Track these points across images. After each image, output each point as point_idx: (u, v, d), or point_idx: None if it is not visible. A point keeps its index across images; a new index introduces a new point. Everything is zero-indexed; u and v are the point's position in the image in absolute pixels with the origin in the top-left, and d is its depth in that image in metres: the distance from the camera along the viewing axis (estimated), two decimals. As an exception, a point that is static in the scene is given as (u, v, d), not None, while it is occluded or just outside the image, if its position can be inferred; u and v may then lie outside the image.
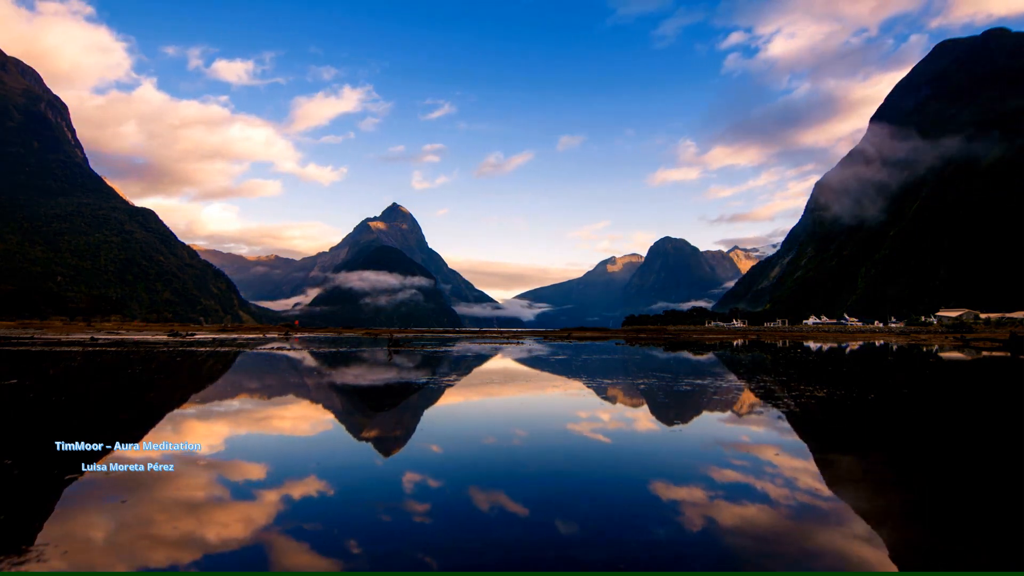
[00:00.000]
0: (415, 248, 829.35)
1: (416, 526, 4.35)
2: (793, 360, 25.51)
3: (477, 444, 7.35)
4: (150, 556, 3.74)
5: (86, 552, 3.78)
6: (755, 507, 4.85)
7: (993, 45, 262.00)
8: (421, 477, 5.69)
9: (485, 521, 4.49)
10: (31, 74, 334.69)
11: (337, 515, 4.59)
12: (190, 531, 4.17)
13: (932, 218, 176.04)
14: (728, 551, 3.94)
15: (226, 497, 4.99)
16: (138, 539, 4.01)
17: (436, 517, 4.56)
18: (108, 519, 4.37)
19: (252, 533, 4.18)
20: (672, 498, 5.11)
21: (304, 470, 5.93)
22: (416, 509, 4.74)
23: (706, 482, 5.61)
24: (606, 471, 6.06)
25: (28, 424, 8.06)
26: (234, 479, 5.55)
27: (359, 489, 5.31)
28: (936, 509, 4.88)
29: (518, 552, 3.91)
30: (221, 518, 4.46)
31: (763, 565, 3.71)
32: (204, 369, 19.15)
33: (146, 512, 4.53)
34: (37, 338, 42.95)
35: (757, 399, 11.82)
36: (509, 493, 5.20)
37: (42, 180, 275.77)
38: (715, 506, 4.87)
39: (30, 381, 13.24)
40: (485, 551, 3.92)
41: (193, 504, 4.76)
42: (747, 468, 6.14)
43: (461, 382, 15.43)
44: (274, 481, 5.53)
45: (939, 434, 8.25)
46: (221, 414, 9.40)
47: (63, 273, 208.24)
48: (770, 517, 4.61)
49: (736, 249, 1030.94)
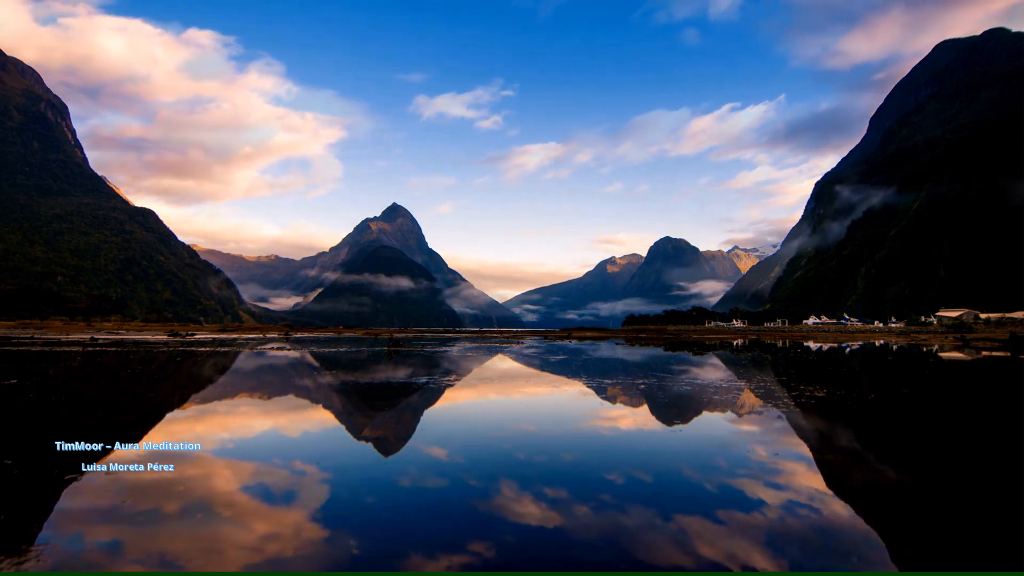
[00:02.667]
0: (415, 248, 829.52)
1: (416, 526, 4.35)
2: (793, 360, 25.51)
3: (476, 444, 7.36)
4: (150, 556, 3.74)
5: (86, 552, 3.78)
6: (755, 507, 4.85)
7: (993, 45, 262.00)
8: (421, 477, 5.69)
9: (485, 521, 4.49)
10: (31, 74, 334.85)
11: (337, 514, 4.59)
12: (190, 531, 4.17)
13: (932, 218, 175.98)
14: (728, 551, 3.94)
15: (226, 497, 4.99)
16: (138, 539, 4.01)
17: (436, 517, 4.56)
18: (108, 519, 4.37)
19: (252, 533, 4.18)
20: (672, 498, 5.11)
21: (304, 470, 5.93)
22: (416, 509, 4.74)
23: (706, 482, 5.61)
24: (606, 471, 6.06)
25: (28, 424, 8.06)
26: (234, 479, 5.55)
27: (359, 489, 5.30)
28: (936, 509, 4.88)
29: (518, 552, 3.92)
30: (221, 518, 4.46)
31: (763, 565, 3.71)
32: (204, 369, 19.15)
33: (146, 512, 4.53)
34: (37, 338, 42.94)
35: (757, 399, 11.82)
36: (509, 493, 5.20)
37: (42, 180, 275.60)
38: (715, 506, 4.87)
39: (30, 381, 13.23)
40: (485, 550, 3.92)
41: (193, 504, 4.76)
42: (747, 468, 6.14)
43: (461, 382, 15.43)
44: (274, 481, 5.53)
45: (939, 434, 8.25)
46: (221, 414, 9.40)
47: (63, 273, 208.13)
48: (770, 517, 4.61)
49: (736, 249, 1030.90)
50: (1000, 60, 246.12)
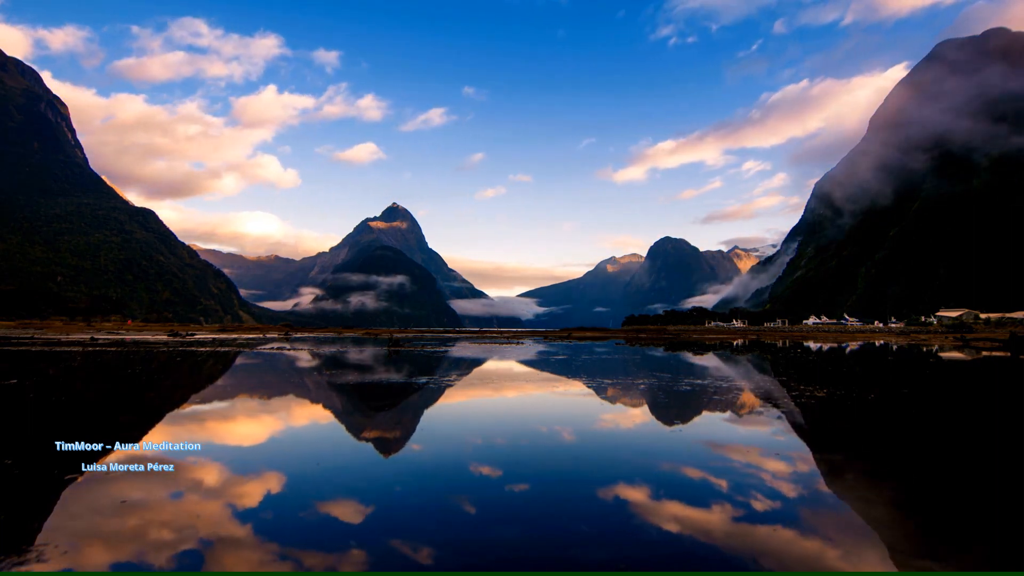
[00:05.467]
0: (415, 248, 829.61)
1: (415, 525, 4.35)
2: (793, 360, 25.51)
3: (476, 444, 7.36)
4: (150, 556, 3.74)
5: (86, 552, 3.78)
6: (755, 507, 4.85)
7: (993, 45, 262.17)
8: (421, 477, 5.69)
9: (485, 520, 4.49)
10: (31, 74, 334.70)
11: (337, 514, 4.59)
12: (190, 531, 4.17)
13: (932, 218, 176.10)
14: (728, 551, 3.94)
15: (226, 497, 4.99)
16: (138, 539, 4.01)
17: (435, 516, 4.56)
18: (108, 519, 4.37)
19: (252, 533, 4.18)
20: (672, 498, 5.11)
21: (304, 470, 5.93)
22: (416, 509, 4.74)
23: (706, 482, 5.61)
24: (606, 471, 6.06)
25: (28, 424, 8.06)
26: (234, 479, 5.55)
27: (359, 488, 5.30)
28: (936, 509, 4.88)
29: (518, 551, 3.91)
30: (221, 518, 4.46)
31: (763, 565, 3.71)
32: (204, 369, 19.16)
33: (146, 512, 4.53)
34: (37, 338, 42.95)
35: (757, 399, 11.82)
36: (509, 492, 5.20)
37: (42, 180, 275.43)
38: (715, 506, 4.87)
39: (30, 381, 13.24)
40: (485, 550, 3.92)
41: (193, 504, 4.76)
42: (747, 468, 6.14)
43: (461, 382, 15.43)
44: (274, 481, 5.53)
45: (939, 434, 8.25)
46: (221, 414, 9.40)
47: (63, 273, 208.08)
48: (770, 517, 4.61)
49: (736, 249, 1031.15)
50: (1000, 60, 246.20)
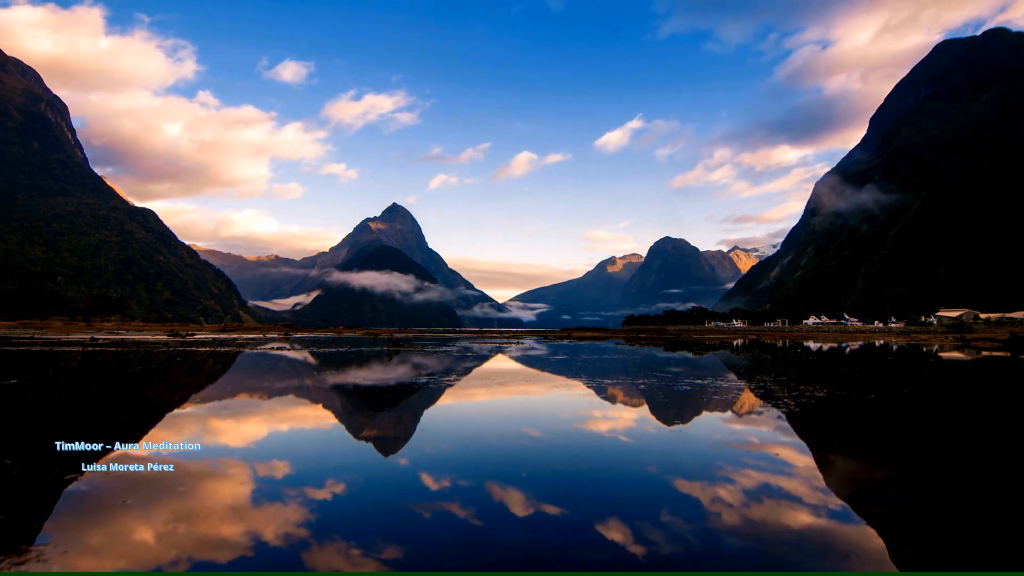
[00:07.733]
0: (415, 248, 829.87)
1: (415, 525, 4.35)
2: (793, 360, 25.51)
3: (476, 444, 7.36)
4: (150, 556, 3.74)
5: (86, 552, 3.78)
6: (755, 507, 4.85)
7: (993, 45, 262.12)
8: (421, 477, 5.69)
9: (484, 520, 4.49)
10: (31, 74, 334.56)
11: (337, 514, 4.59)
12: (190, 531, 4.17)
13: (932, 218, 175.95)
14: (728, 551, 3.94)
15: (226, 497, 4.99)
16: (138, 539, 4.01)
17: (435, 516, 4.56)
18: (108, 519, 4.37)
19: (252, 533, 4.18)
20: (672, 498, 5.11)
21: (304, 470, 5.93)
22: (415, 509, 4.74)
23: (706, 482, 5.61)
24: (606, 471, 6.06)
25: (28, 424, 8.06)
26: (234, 479, 5.55)
27: (358, 488, 5.30)
28: (936, 509, 4.88)
29: (518, 551, 3.91)
30: (221, 518, 4.46)
31: (763, 565, 3.71)
32: (204, 369, 19.16)
33: (146, 512, 4.53)
34: (37, 338, 42.94)
35: (757, 399, 11.82)
36: (509, 493, 5.20)
37: (42, 180, 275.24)
38: (715, 506, 4.87)
39: (30, 381, 13.23)
40: (485, 550, 3.92)
41: (193, 504, 4.76)
42: (747, 468, 6.14)
43: (461, 382, 15.42)
44: (274, 481, 5.53)
45: (939, 434, 8.25)
46: (221, 414, 9.40)
47: (63, 273, 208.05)
48: (770, 517, 4.61)
49: (736, 249, 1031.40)
50: (1000, 60, 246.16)
